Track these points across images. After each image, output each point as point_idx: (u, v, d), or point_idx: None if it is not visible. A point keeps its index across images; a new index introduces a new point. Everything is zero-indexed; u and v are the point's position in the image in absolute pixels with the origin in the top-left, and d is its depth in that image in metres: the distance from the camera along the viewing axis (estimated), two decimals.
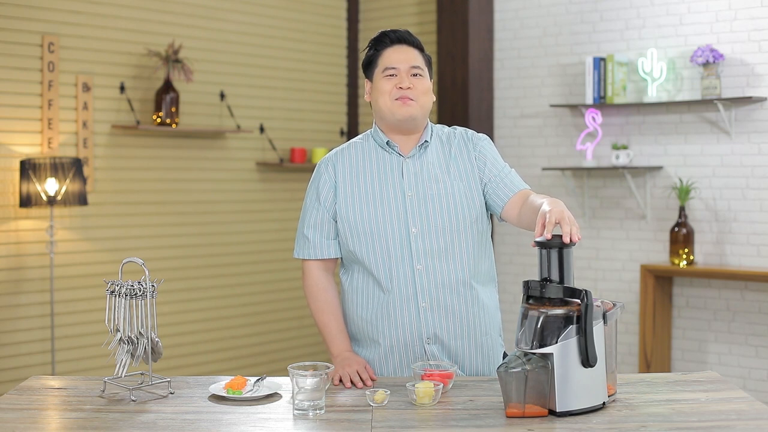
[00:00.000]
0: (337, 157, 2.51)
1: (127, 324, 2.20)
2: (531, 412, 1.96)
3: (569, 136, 5.21)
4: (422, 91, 2.43)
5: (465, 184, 2.43)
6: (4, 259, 4.40)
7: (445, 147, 2.48)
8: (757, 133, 4.57)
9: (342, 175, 2.47)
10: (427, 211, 2.39)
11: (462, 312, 2.40)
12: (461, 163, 2.45)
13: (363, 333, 2.47)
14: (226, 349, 5.36)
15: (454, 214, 2.39)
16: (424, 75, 2.45)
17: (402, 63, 2.43)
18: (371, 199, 2.43)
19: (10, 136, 4.41)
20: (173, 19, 5.06)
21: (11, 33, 4.40)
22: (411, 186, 2.42)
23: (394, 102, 2.41)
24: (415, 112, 2.41)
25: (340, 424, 1.95)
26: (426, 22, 5.79)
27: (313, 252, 2.48)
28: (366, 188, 2.44)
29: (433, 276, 2.38)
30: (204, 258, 5.25)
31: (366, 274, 2.44)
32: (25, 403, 2.12)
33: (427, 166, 2.44)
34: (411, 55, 2.44)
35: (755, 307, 4.61)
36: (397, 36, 2.45)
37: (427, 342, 2.40)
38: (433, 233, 2.39)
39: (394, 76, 2.42)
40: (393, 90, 2.41)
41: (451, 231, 2.39)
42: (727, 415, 1.97)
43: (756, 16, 4.55)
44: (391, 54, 2.44)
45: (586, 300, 1.96)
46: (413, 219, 2.39)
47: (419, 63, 2.44)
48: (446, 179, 2.42)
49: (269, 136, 5.57)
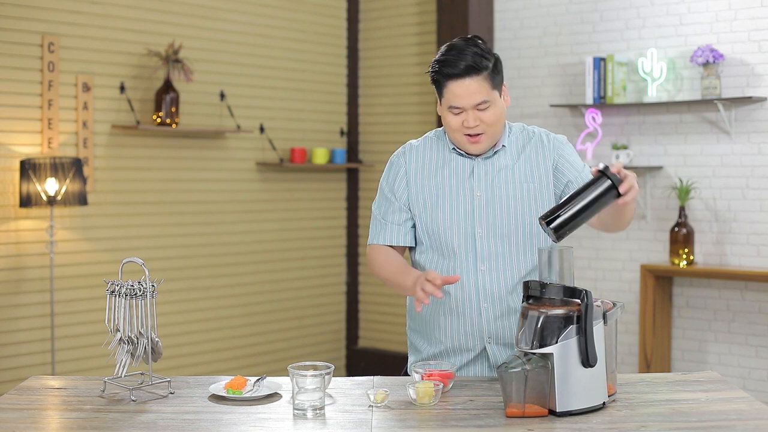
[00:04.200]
0: (411, 152, 2.50)
1: (127, 324, 2.20)
2: (531, 412, 1.96)
3: (569, 136, 5.21)
4: (492, 121, 2.33)
5: (536, 187, 2.39)
6: (4, 259, 4.40)
7: (520, 149, 2.43)
8: (757, 133, 4.57)
9: (414, 170, 2.46)
10: (494, 213, 2.38)
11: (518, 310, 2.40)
12: (535, 166, 2.41)
13: (427, 327, 2.49)
14: (226, 349, 5.36)
15: (521, 217, 2.37)
16: (492, 102, 2.32)
17: (467, 100, 2.31)
18: (439, 196, 2.42)
19: (10, 136, 4.41)
20: (173, 19, 5.06)
21: (11, 33, 4.40)
22: (480, 186, 2.39)
23: (463, 137, 2.36)
24: (485, 146, 2.37)
25: (340, 424, 1.95)
26: (426, 22, 5.79)
27: (383, 238, 2.47)
28: (435, 185, 2.43)
29: (496, 277, 2.38)
30: (204, 258, 5.25)
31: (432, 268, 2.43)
32: (25, 403, 2.12)
33: (498, 167, 2.41)
34: (476, 89, 2.29)
35: (755, 307, 4.61)
36: (462, 68, 2.28)
37: (488, 342, 2.40)
38: (498, 235, 2.38)
39: (462, 112, 2.33)
40: (461, 127, 2.34)
41: (516, 234, 2.38)
42: (727, 415, 1.97)
43: (756, 16, 4.55)
44: (456, 89, 2.30)
45: (586, 300, 1.96)
46: (480, 220, 2.38)
47: (485, 95, 2.30)
48: (517, 182, 2.39)
49: (269, 136, 5.57)
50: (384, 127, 6.01)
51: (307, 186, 5.85)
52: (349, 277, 6.10)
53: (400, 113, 5.89)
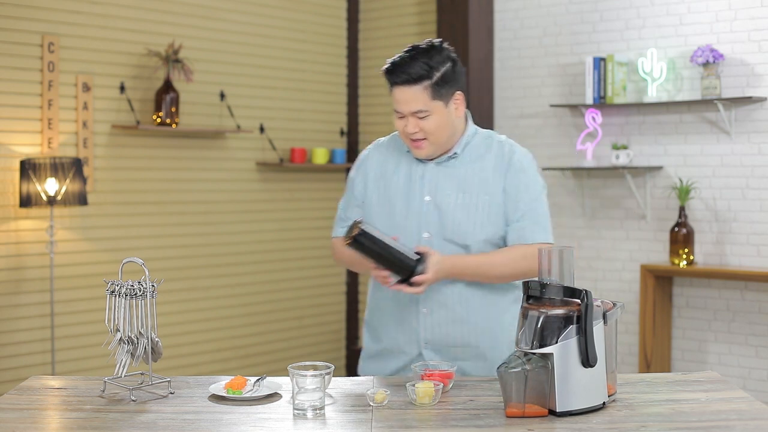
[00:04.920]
0: (374, 150, 2.54)
1: (127, 324, 2.20)
2: (531, 412, 1.96)
3: (569, 136, 5.21)
4: (432, 130, 2.35)
5: (487, 199, 2.38)
6: (4, 259, 4.40)
7: (477, 158, 2.42)
8: (757, 133, 4.58)
9: (373, 170, 2.49)
10: (440, 219, 2.38)
11: (463, 319, 2.40)
12: (489, 179, 2.40)
13: (371, 325, 2.53)
14: (226, 349, 5.36)
15: (466, 225, 2.37)
16: (433, 112, 2.34)
17: (405, 107, 2.35)
18: (390, 198, 2.44)
19: (10, 136, 4.41)
20: (173, 19, 5.06)
21: (11, 33, 4.40)
22: (430, 191, 2.40)
23: (407, 139, 2.40)
24: (428, 151, 2.39)
25: (340, 424, 1.95)
26: (426, 22, 5.79)
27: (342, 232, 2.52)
28: (388, 187, 2.45)
29: (437, 284, 2.37)
30: (204, 258, 5.25)
31: None
32: (25, 403, 2.12)
33: (449, 174, 2.41)
34: (413, 97, 2.33)
35: (755, 307, 4.61)
36: (402, 78, 2.32)
37: (425, 347, 2.41)
38: (443, 241, 2.37)
39: (403, 117, 2.37)
40: (403, 130, 2.38)
41: (460, 242, 2.37)
42: (727, 415, 1.97)
43: (756, 16, 4.55)
44: (397, 94, 2.36)
45: (586, 300, 1.96)
46: (426, 224, 2.38)
47: (421, 105, 2.33)
48: (466, 190, 2.39)
49: (269, 136, 5.57)
50: (384, 127, 6.01)
51: (307, 186, 5.85)
52: (349, 277, 6.10)
53: None
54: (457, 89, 2.39)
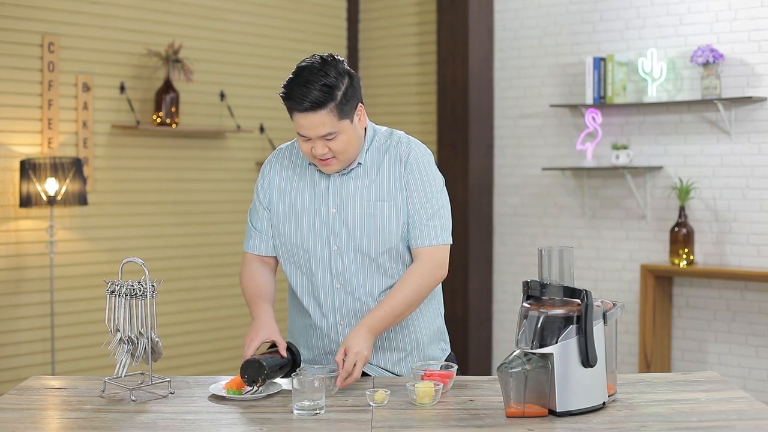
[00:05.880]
0: (277, 159, 2.48)
1: (127, 324, 2.20)
2: (531, 412, 1.96)
3: (569, 136, 5.21)
4: (341, 149, 2.29)
5: (391, 206, 2.35)
6: (4, 259, 4.40)
7: (378, 164, 2.39)
8: (757, 133, 4.57)
9: (278, 180, 2.44)
10: (348, 231, 2.35)
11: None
12: (391, 185, 2.36)
13: (294, 336, 2.53)
14: (226, 349, 5.36)
15: (374, 236, 2.34)
16: (341, 131, 2.27)
17: (311, 132, 2.25)
18: (297, 211, 2.40)
19: (10, 136, 4.41)
20: (173, 19, 5.06)
21: (11, 33, 4.40)
22: (335, 203, 2.36)
23: (314, 159, 2.32)
24: (338, 167, 2.34)
25: (340, 424, 1.95)
26: (426, 22, 5.79)
27: (251, 246, 2.48)
28: (293, 198, 2.41)
29: (351, 295, 2.37)
30: (204, 258, 5.25)
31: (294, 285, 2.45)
32: (25, 403, 2.12)
33: (353, 185, 2.37)
34: (320, 122, 2.24)
35: (755, 307, 4.61)
36: (306, 106, 2.23)
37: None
38: (352, 253, 2.35)
39: (309, 140, 2.28)
40: (310, 153, 2.30)
41: (369, 252, 2.35)
42: (727, 415, 1.97)
43: (756, 16, 4.55)
44: (299, 120, 2.26)
45: (586, 300, 1.96)
46: (335, 237, 2.36)
47: (329, 128, 2.25)
48: (372, 200, 2.35)
49: (269, 136, 5.57)
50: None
51: None
52: None
53: (400, 113, 5.89)
54: (357, 102, 2.34)
